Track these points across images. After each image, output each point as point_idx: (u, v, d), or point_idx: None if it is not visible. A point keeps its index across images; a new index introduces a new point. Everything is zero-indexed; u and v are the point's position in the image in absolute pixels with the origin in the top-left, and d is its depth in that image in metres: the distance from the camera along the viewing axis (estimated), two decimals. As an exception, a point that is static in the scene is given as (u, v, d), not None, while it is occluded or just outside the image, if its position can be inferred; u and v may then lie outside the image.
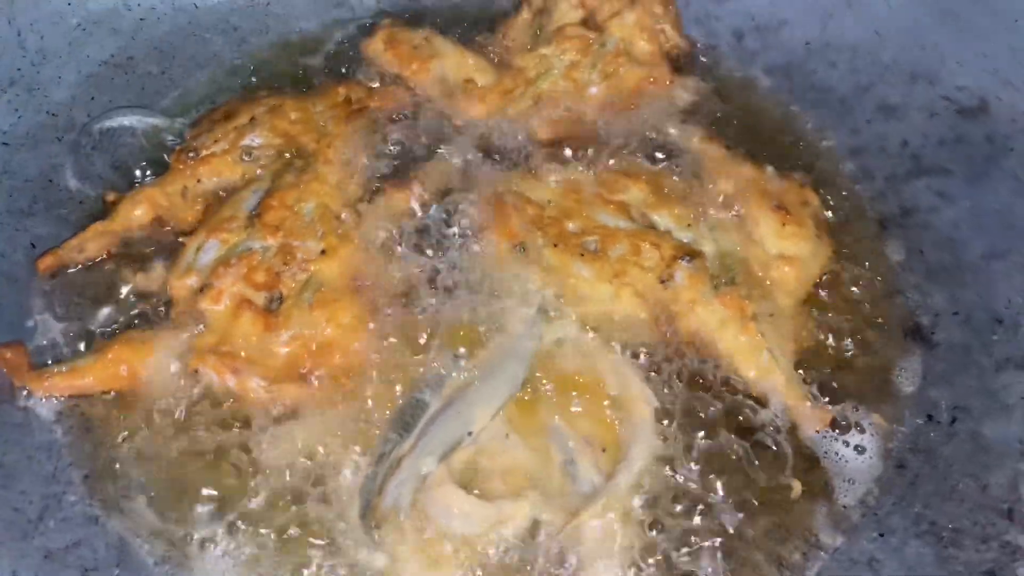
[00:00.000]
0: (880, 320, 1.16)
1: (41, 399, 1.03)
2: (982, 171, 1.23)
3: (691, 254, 1.10)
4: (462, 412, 1.00)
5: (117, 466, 1.00)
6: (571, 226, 1.14)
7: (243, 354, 1.03)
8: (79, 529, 0.95)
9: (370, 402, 1.03)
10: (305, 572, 0.94)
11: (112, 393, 1.04)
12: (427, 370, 1.04)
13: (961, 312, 1.15)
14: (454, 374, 1.04)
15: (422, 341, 1.07)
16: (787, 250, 1.14)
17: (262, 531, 0.96)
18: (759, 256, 1.14)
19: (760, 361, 1.06)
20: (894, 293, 1.19)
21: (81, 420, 1.03)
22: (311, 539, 0.96)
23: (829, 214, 1.24)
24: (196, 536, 0.96)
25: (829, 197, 1.26)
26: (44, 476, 0.98)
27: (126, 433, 1.02)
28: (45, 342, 1.09)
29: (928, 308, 1.17)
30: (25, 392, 1.03)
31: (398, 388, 1.04)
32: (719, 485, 1.01)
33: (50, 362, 1.06)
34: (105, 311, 1.12)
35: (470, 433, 0.98)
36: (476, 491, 0.97)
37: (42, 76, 1.25)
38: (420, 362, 1.05)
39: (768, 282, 1.13)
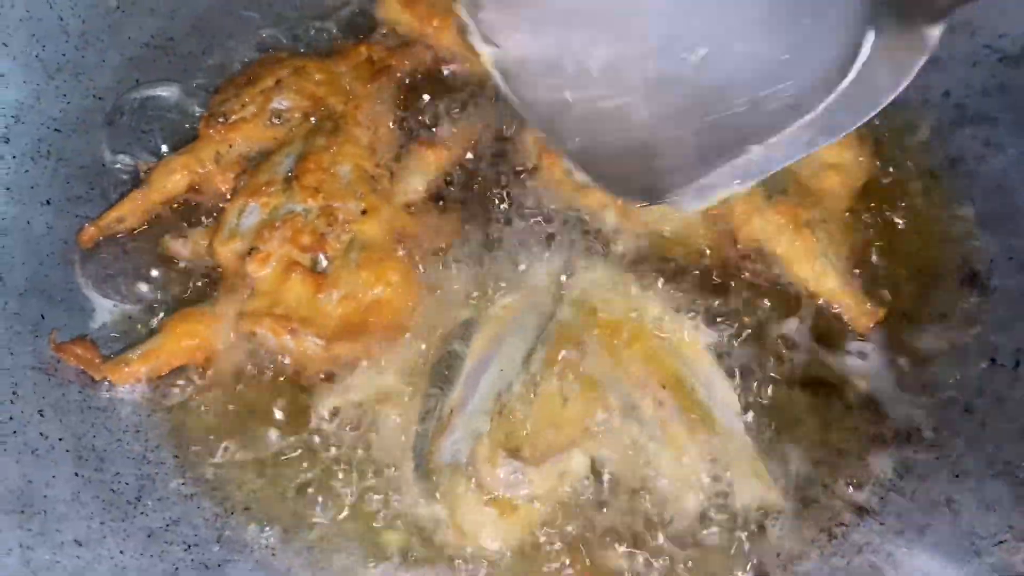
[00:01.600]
0: (934, 269, 1.18)
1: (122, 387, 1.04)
2: (1028, 117, 1.24)
3: None
4: (503, 365, 1.01)
5: (203, 440, 1.01)
6: None
7: (297, 315, 1.04)
8: (176, 508, 0.96)
9: (422, 357, 1.05)
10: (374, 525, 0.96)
11: (185, 368, 1.05)
12: (459, 320, 1.06)
13: (1016, 258, 1.16)
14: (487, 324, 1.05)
15: (472, 292, 1.09)
16: (832, 158, 1.18)
17: (340, 493, 0.98)
18: (807, 166, 1.17)
19: (815, 263, 1.12)
20: (946, 242, 1.20)
21: (162, 400, 1.04)
22: (374, 495, 0.98)
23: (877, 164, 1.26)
24: (291, 510, 0.97)
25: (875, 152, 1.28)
26: (135, 458, 0.99)
27: (205, 406, 1.03)
28: (107, 325, 1.10)
29: (982, 255, 1.18)
30: (107, 389, 1.03)
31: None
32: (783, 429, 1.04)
33: (114, 346, 1.07)
34: (154, 285, 1.13)
35: (510, 386, 0.99)
36: (527, 453, 0.96)
37: (87, 60, 1.24)
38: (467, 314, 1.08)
39: (818, 190, 1.16)
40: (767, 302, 1.12)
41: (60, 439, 0.97)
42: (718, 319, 1.09)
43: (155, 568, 0.90)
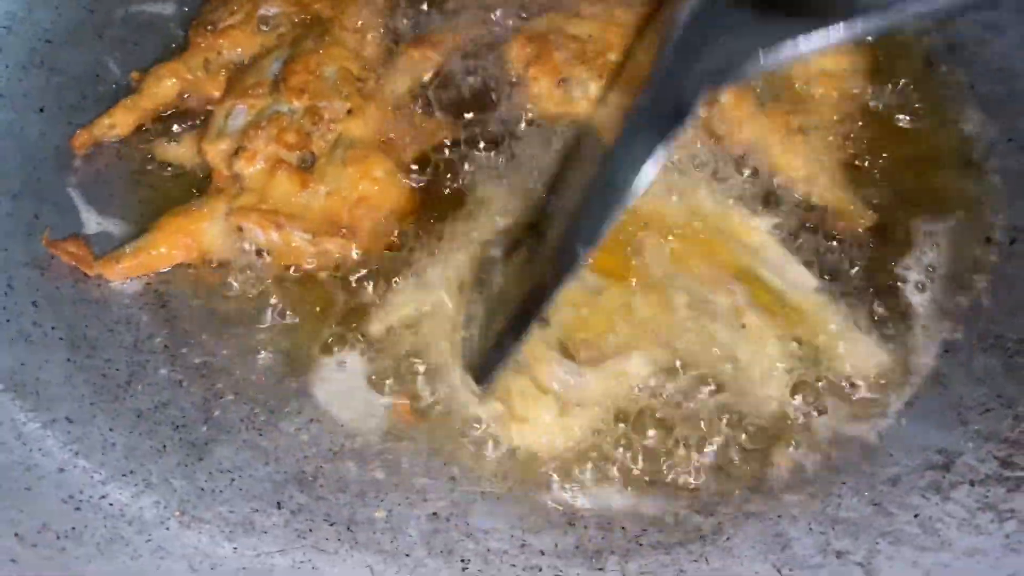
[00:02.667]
0: (932, 154, 1.16)
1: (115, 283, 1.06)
2: (1030, -1, 1.21)
3: None
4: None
5: (194, 332, 1.03)
6: (614, 58, 1.14)
7: (283, 210, 1.05)
8: (165, 392, 0.98)
9: (416, 253, 1.05)
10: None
11: (177, 264, 1.07)
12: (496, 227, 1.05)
13: (1016, 139, 1.13)
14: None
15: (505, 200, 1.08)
16: (827, 66, 1.15)
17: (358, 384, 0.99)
18: (801, 73, 1.15)
19: (809, 167, 1.09)
20: (946, 125, 1.18)
21: (154, 294, 1.05)
22: (411, 401, 0.97)
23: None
24: (277, 402, 0.99)
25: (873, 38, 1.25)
26: (127, 346, 1.01)
27: (198, 300, 1.05)
28: (101, 226, 1.11)
29: (982, 138, 1.16)
30: (99, 283, 1.05)
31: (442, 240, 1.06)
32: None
33: (107, 247, 1.08)
34: (146, 188, 1.14)
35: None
36: (581, 356, 0.96)
37: (77, -28, 1.24)
38: (465, 214, 1.07)
39: (812, 97, 1.14)
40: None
41: (53, 328, 0.99)
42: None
43: (143, 445, 0.92)
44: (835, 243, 1.05)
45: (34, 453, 0.87)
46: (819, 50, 0.67)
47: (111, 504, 0.85)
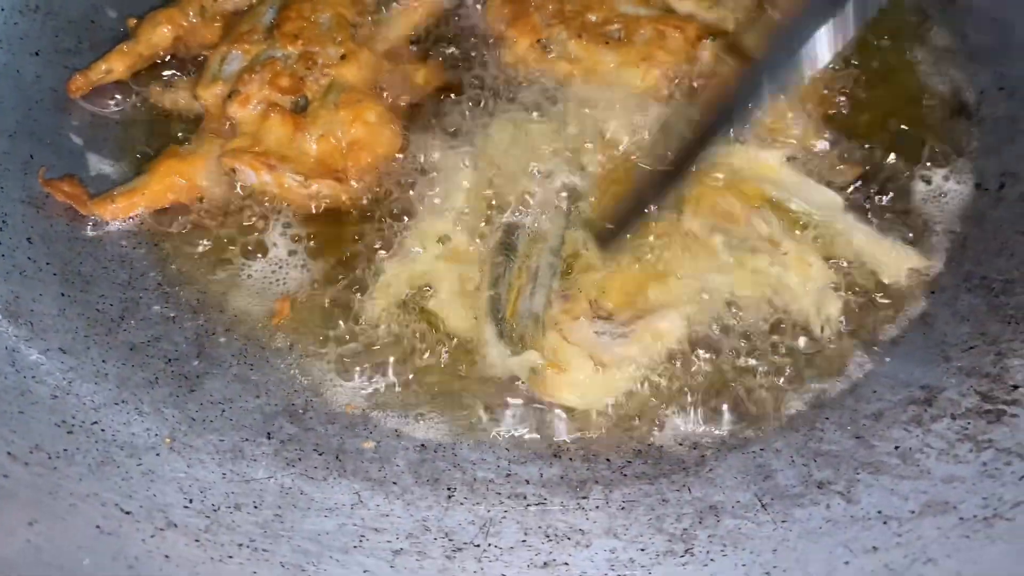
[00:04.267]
0: (924, 100, 1.16)
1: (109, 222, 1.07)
2: (1025, -51, 1.20)
3: (716, 32, 1.12)
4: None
5: (187, 271, 1.04)
6: (593, 17, 1.15)
7: (276, 153, 1.06)
8: (158, 327, 0.99)
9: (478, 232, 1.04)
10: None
11: (172, 205, 1.08)
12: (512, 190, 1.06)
13: (1007, 87, 1.13)
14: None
15: (454, 137, 1.10)
16: None
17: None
18: None
19: (790, 121, 1.09)
20: (938, 75, 1.18)
21: (148, 234, 1.06)
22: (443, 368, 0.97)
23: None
24: (268, 338, 1.00)
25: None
26: (120, 283, 1.02)
27: (191, 239, 1.06)
28: (95, 168, 1.12)
29: (973, 86, 1.15)
30: (92, 221, 1.06)
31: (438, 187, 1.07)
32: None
33: (102, 187, 1.09)
34: (141, 133, 1.15)
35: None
36: (616, 314, 0.97)
37: (74, -84, 1.24)
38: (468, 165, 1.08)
39: None
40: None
41: (48, 263, 1.00)
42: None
43: (136, 376, 0.93)
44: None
45: (28, 380, 0.89)
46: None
47: (103, 429, 0.87)
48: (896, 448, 0.86)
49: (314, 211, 1.08)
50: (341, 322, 1.00)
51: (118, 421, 0.88)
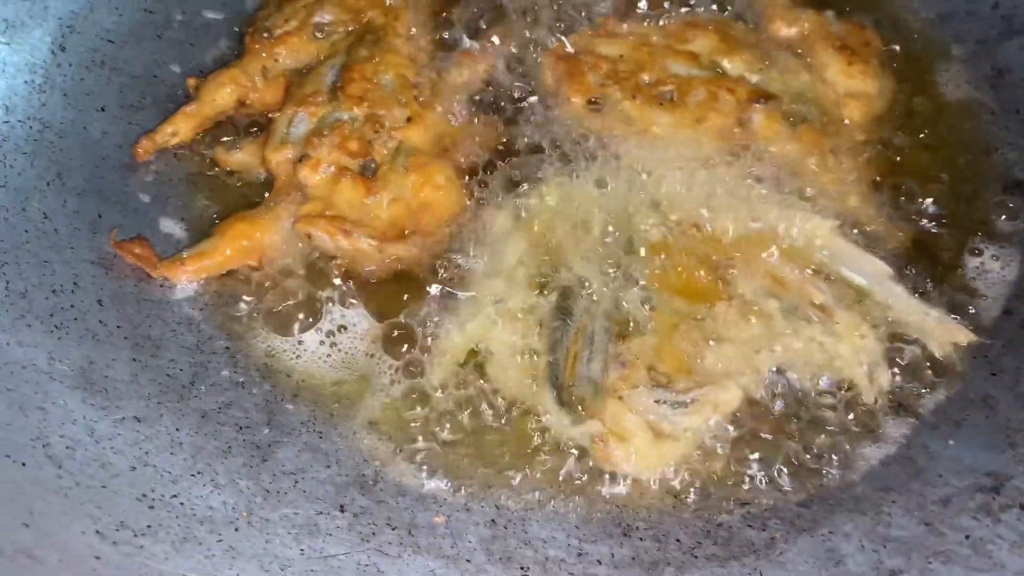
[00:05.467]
0: (977, 178, 1.18)
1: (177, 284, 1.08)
2: (1078, 27, 1.22)
3: (766, 96, 1.14)
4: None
5: (255, 334, 1.05)
6: (646, 78, 1.17)
7: (349, 217, 1.07)
8: (228, 392, 1.00)
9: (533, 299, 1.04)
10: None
11: (239, 269, 1.09)
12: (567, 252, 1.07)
13: (1063, 164, 1.16)
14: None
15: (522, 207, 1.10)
16: (855, 88, 1.19)
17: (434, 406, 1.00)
18: (829, 95, 1.18)
19: (841, 188, 1.11)
20: (991, 151, 1.20)
21: (215, 296, 1.07)
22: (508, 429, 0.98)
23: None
24: (336, 405, 1.01)
25: (923, 61, 1.27)
26: (189, 347, 1.03)
27: (258, 303, 1.07)
28: (163, 230, 1.13)
29: (1027, 163, 1.18)
30: (161, 283, 1.07)
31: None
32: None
33: (170, 250, 1.10)
34: (207, 194, 1.16)
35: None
36: (681, 384, 0.97)
37: (138, -25, 1.26)
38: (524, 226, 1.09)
39: (840, 118, 1.17)
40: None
41: (118, 327, 1.01)
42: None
43: (209, 446, 0.94)
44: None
45: (107, 451, 0.89)
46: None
47: (182, 503, 0.87)
48: (967, 537, 0.87)
49: (379, 274, 1.09)
50: (403, 389, 1.00)
51: (196, 494, 0.89)
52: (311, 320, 1.06)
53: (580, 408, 0.96)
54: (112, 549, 0.79)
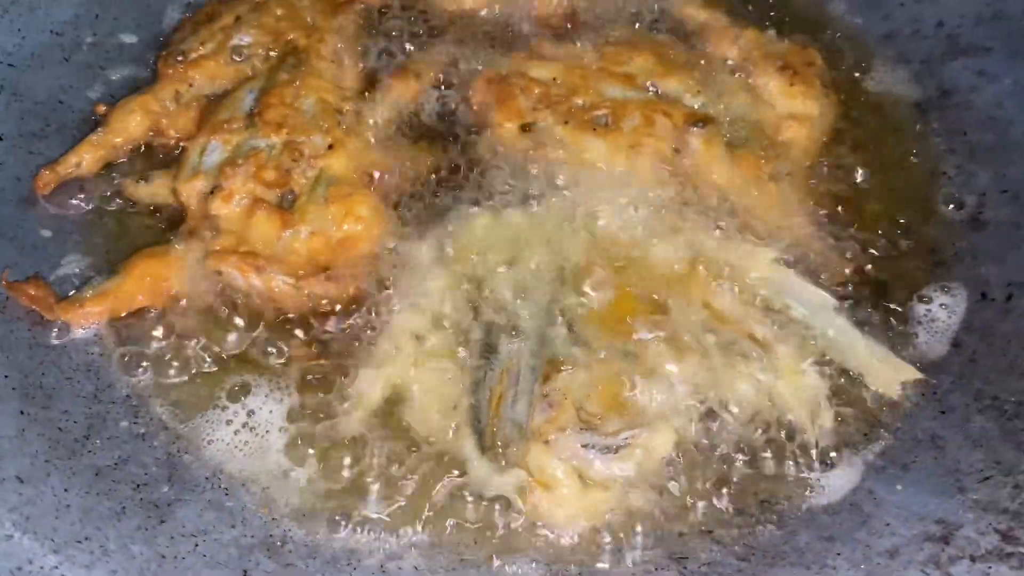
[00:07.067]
0: (923, 204, 1.14)
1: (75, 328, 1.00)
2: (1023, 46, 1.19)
3: (703, 119, 1.09)
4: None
5: (159, 381, 0.97)
6: (579, 101, 1.11)
7: (264, 252, 1.00)
8: (126, 446, 0.92)
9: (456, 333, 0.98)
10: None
11: (142, 309, 1.01)
12: (489, 290, 1.00)
13: (1009, 190, 1.11)
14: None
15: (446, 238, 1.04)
16: (796, 109, 1.14)
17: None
18: (769, 117, 1.13)
19: (783, 216, 1.06)
20: (937, 175, 1.16)
21: (116, 339, 1.00)
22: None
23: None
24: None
25: (867, 81, 1.24)
26: (86, 396, 0.95)
27: (163, 346, 0.99)
28: (63, 267, 1.05)
29: (974, 188, 1.14)
30: (57, 327, 0.99)
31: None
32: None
33: (69, 289, 1.02)
34: (113, 228, 1.08)
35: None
36: (609, 425, 0.91)
37: (43, -7, 1.19)
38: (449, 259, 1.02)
39: (781, 142, 1.12)
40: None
41: (6, 376, 0.93)
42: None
43: (100, 507, 0.86)
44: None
45: (-22, 518, 0.81)
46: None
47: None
48: (915, 592, 0.81)
49: (295, 312, 1.02)
50: (317, 436, 0.93)
51: (81, 563, 0.81)
52: (217, 363, 0.98)
53: (504, 456, 0.88)
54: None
